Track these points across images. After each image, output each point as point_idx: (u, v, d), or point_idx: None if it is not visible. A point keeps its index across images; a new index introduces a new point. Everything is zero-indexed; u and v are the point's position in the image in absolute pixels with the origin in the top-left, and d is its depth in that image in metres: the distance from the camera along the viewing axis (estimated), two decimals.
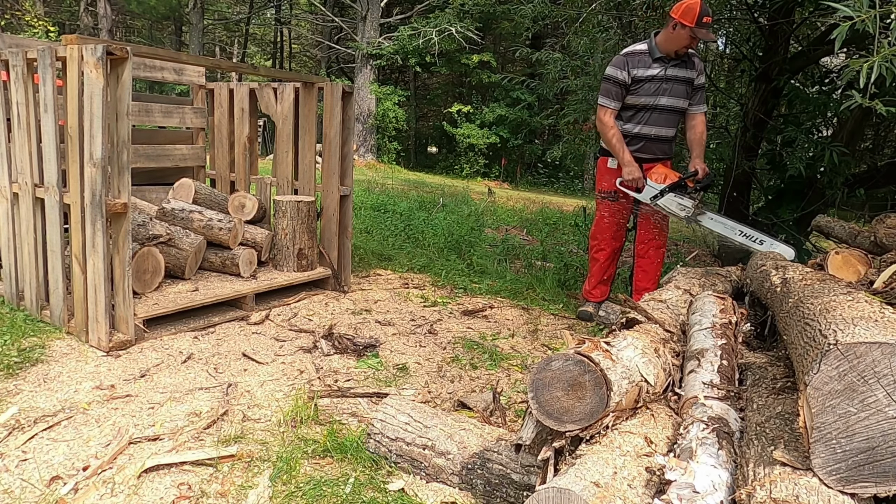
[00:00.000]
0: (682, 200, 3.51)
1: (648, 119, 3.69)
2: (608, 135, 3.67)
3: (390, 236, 5.95)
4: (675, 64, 3.61)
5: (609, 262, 3.93)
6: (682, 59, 3.62)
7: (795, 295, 1.79)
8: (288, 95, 4.17)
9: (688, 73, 3.65)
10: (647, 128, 3.68)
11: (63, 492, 1.81)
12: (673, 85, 3.62)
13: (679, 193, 3.52)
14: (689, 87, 3.68)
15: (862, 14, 2.02)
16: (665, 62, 3.60)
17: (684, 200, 3.51)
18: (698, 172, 3.56)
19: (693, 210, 3.48)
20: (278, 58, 26.62)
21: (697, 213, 3.49)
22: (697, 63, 3.69)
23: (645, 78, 3.61)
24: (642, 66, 3.60)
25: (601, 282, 3.96)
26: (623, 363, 1.64)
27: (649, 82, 3.61)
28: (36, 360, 2.67)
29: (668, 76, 3.61)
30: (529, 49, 6.96)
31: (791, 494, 1.14)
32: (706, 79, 3.72)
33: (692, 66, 3.67)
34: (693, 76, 3.67)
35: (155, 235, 3.39)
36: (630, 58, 3.64)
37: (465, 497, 1.88)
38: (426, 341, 3.34)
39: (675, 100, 3.65)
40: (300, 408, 2.36)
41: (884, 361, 1.14)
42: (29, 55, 2.93)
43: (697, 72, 3.69)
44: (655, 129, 3.69)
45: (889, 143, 6.84)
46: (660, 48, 3.59)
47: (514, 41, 17.47)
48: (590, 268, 4.02)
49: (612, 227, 3.85)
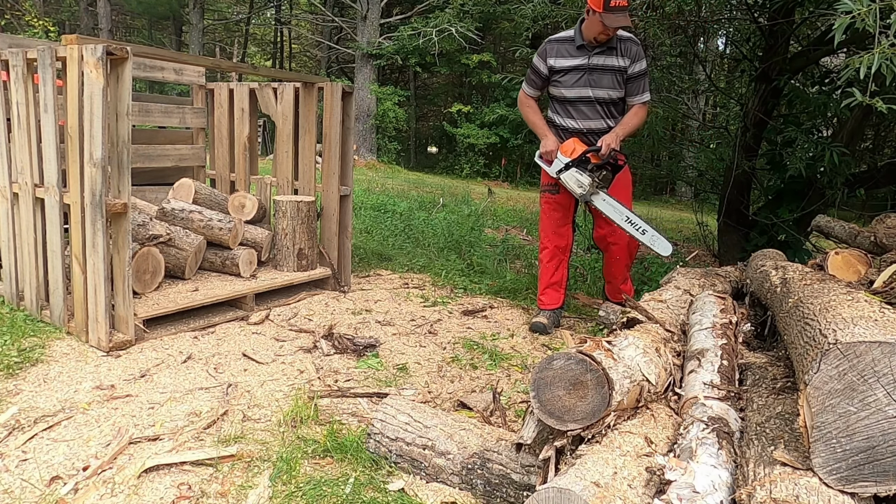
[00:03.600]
0: (581, 177, 3.29)
1: (578, 113, 3.45)
2: (524, 111, 3.56)
3: (390, 236, 5.95)
4: (600, 52, 3.32)
5: (552, 261, 3.62)
6: (609, 47, 3.32)
7: (795, 295, 1.79)
8: (288, 95, 4.17)
9: (616, 62, 3.33)
10: (579, 122, 3.46)
11: (63, 492, 1.81)
12: (600, 75, 3.34)
13: (580, 169, 3.30)
14: (618, 76, 3.36)
15: (862, 8, 2.03)
16: (588, 50, 3.32)
17: (583, 177, 3.29)
18: (601, 148, 3.28)
19: (588, 188, 3.28)
20: (278, 58, 26.62)
21: (592, 192, 3.30)
22: (633, 50, 3.34)
23: (566, 68, 3.37)
24: (563, 55, 3.37)
25: (549, 286, 3.63)
26: (625, 362, 1.64)
27: (570, 73, 3.37)
28: (36, 360, 2.66)
29: (591, 65, 3.33)
30: (529, 49, 6.95)
31: (791, 494, 1.14)
32: (647, 65, 3.46)
33: (622, 54, 3.33)
34: (624, 64, 3.34)
35: (155, 235, 3.39)
36: (551, 45, 3.39)
37: (465, 497, 1.88)
38: (426, 341, 3.34)
39: (604, 91, 3.37)
40: (300, 408, 2.36)
41: (883, 361, 1.14)
42: (29, 55, 2.93)
43: (630, 59, 3.34)
44: (586, 123, 3.45)
45: (889, 143, 6.84)
46: (583, 35, 3.32)
47: (514, 41, 17.44)
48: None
49: (551, 223, 3.58)
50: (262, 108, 4.35)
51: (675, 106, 6.37)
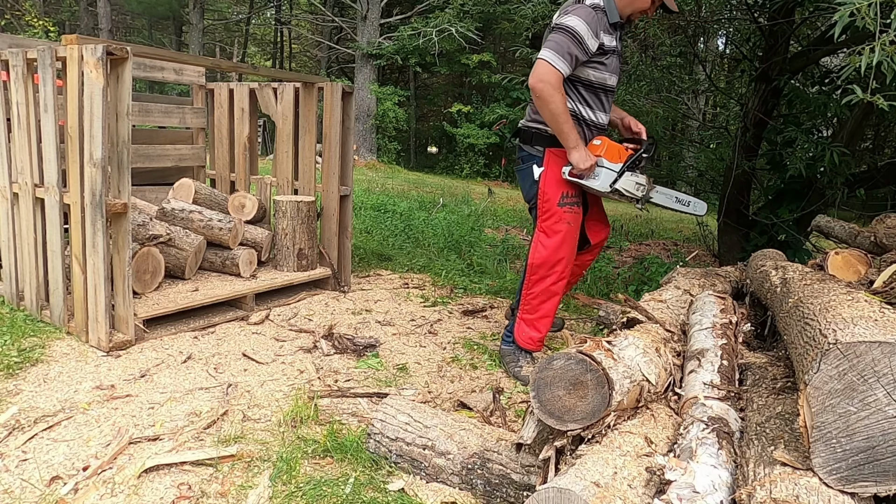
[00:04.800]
0: (638, 178, 2.79)
1: (609, 105, 2.89)
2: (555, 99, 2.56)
3: (390, 236, 5.95)
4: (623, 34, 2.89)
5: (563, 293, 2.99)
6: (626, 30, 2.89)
7: (795, 295, 1.79)
8: (288, 95, 4.17)
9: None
10: (607, 116, 2.90)
11: (63, 492, 1.81)
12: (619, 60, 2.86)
13: (631, 170, 2.79)
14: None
15: (864, 2, 2.03)
16: (619, 29, 2.77)
17: (640, 177, 2.79)
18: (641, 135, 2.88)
19: (647, 185, 2.81)
20: (278, 58, 26.62)
21: (649, 187, 2.82)
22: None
23: (612, 49, 2.72)
24: (608, 32, 2.68)
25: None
26: (625, 362, 1.64)
27: (612, 55, 2.75)
28: (36, 360, 2.66)
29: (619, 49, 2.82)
30: (529, 49, 6.95)
31: (791, 494, 1.14)
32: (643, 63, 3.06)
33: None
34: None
35: (155, 235, 3.39)
36: (600, 16, 2.64)
37: (465, 497, 1.88)
38: (426, 341, 3.34)
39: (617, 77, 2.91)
40: (300, 408, 2.36)
41: (883, 360, 1.14)
42: (29, 55, 2.93)
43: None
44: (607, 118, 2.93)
45: (889, 143, 6.84)
46: (619, 10, 2.69)
47: (514, 41, 17.45)
48: (539, 307, 2.89)
49: (572, 246, 2.87)
50: (262, 108, 4.35)
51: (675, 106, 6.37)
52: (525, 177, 2.91)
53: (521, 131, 2.95)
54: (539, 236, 2.87)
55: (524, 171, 2.91)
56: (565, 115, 2.61)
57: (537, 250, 2.85)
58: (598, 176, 2.72)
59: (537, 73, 2.58)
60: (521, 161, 2.94)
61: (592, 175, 2.73)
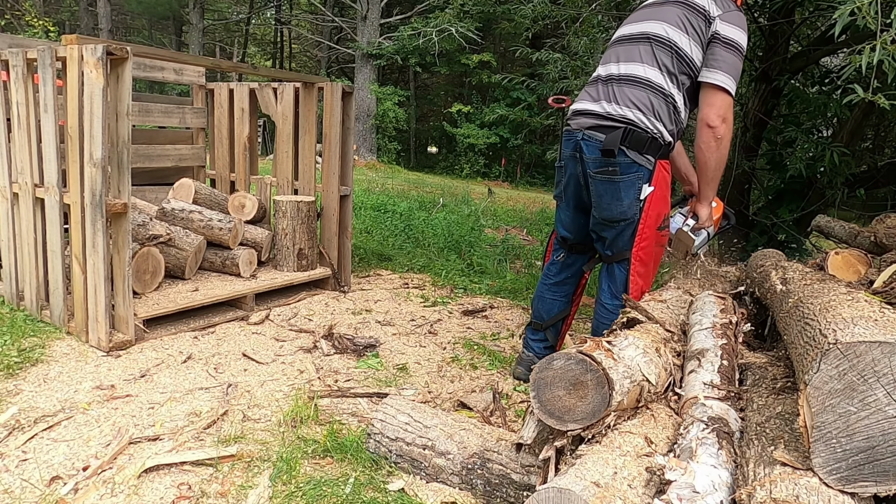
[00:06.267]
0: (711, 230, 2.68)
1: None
2: (727, 144, 2.22)
3: (390, 236, 5.95)
4: None
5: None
6: None
7: (795, 295, 1.78)
8: (288, 95, 4.17)
9: None
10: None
11: (63, 492, 1.81)
12: None
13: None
14: None
15: (864, 1, 2.03)
16: None
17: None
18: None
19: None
20: (278, 58, 26.61)
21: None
22: None
23: None
24: None
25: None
26: (625, 362, 1.64)
27: None
28: (36, 360, 2.66)
29: None
30: (529, 49, 6.95)
31: (791, 494, 1.14)
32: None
33: None
34: None
35: (155, 235, 3.39)
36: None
37: (465, 497, 1.88)
38: (426, 341, 3.34)
39: None
40: (300, 408, 2.36)
41: (884, 360, 1.13)
42: (29, 55, 2.93)
43: None
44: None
45: (889, 143, 6.83)
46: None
47: (514, 41, 17.46)
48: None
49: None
50: (262, 108, 4.35)
51: None
52: (623, 190, 2.34)
53: (626, 132, 2.31)
54: (635, 266, 2.43)
55: (624, 183, 2.33)
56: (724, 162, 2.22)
57: (635, 283, 2.42)
58: (700, 235, 2.52)
59: (721, 107, 2.18)
60: (617, 170, 2.32)
61: (698, 233, 2.48)
